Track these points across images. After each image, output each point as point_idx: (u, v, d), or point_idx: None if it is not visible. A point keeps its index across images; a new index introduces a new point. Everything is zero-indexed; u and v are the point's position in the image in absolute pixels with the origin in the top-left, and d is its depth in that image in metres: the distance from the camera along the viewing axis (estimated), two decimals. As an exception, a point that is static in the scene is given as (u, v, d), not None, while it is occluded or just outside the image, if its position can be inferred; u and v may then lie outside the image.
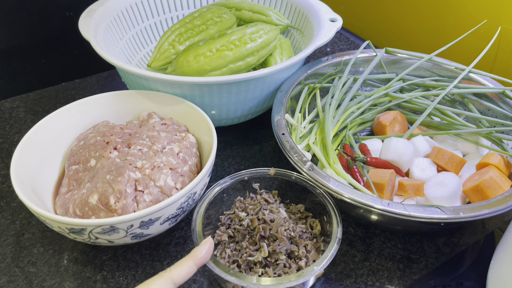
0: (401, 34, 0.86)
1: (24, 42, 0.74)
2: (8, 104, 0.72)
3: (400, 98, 0.61)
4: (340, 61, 0.65)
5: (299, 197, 0.49)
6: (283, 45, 0.68)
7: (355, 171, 0.52)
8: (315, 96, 0.62)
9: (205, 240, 0.39)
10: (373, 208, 0.42)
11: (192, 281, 0.46)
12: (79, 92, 0.76)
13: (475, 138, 0.56)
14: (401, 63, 0.66)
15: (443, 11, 0.75)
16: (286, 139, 0.50)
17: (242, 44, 0.59)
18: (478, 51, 0.61)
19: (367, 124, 0.64)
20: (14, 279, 0.46)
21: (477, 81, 0.61)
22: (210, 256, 0.38)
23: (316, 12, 0.68)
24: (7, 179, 0.58)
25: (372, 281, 0.46)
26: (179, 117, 0.56)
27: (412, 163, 0.54)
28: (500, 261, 0.43)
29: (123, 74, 0.60)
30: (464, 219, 0.41)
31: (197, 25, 0.66)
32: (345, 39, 0.93)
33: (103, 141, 0.50)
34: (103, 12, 0.65)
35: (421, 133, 0.58)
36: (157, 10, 0.75)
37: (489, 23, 0.67)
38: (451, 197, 0.48)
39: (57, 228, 0.41)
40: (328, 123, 0.54)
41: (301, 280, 0.38)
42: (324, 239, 0.45)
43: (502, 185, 0.47)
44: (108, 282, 0.46)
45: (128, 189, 0.43)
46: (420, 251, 0.49)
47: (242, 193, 0.50)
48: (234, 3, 0.73)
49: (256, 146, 0.64)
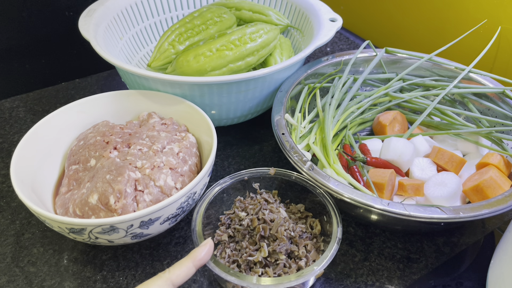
0: (401, 34, 0.86)
1: (24, 42, 0.73)
2: (8, 104, 0.72)
3: (400, 98, 0.61)
4: (340, 61, 0.65)
5: (299, 197, 0.49)
6: (283, 45, 0.68)
7: (355, 171, 0.52)
8: (315, 96, 0.62)
9: (205, 241, 0.39)
10: (373, 208, 0.42)
11: (192, 281, 0.46)
12: (79, 92, 0.76)
13: (475, 138, 0.56)
14: (401, 63, 0.66)
15: (443, 11, 0.75)
16: (286, 139, 0.50)
17: (242, 44, 0.59)
18: (478, 51, 0.61)
19: (367, 124, 0.64)
20: (14, 279, 0.46)
21: (477, 81, 0.61)
22: (210, 257, 0.38)
23: (316, 12, 0.68)
24: (7, 179, 0.58)
25: (372, 281, 0.46)
26: (179, 117, 0.56)
27: (412, 163, 0.54)
28: (500, 261, 0.43)
29: (123, 74, 0.60)
30: (464, 219, 0.41)
31: (197, 25, 0.66)
32: (345, 39, 0.93)
33: (103, 141, 0.50)
34: (103, 12, 0.65)
35: (421, 133, 0.58)
36: (157, 10, 0.75)
37: (489, 23, 0.67)
38: (451, 197, 0.48)
39: (57, 228, 0.41)
40: (328, 123, 0.54)
41: (301, 280, 0.38)
42: (324, 239, 0.45)
43: (502, 185, 0.47)
44: (108, 282, 0.46)
45: (128, 189, 0.43)
46: (420, 251, 0.49)
47: (242, 193, 0.50)
48: (234, 3, 0.73)
49: (256, 146, 0.64)
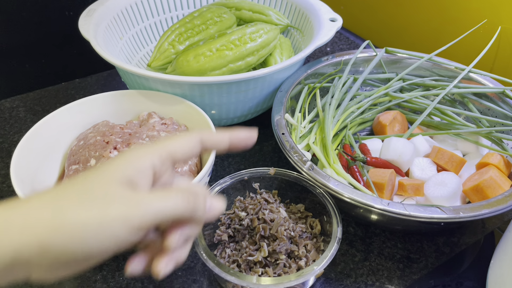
0: (401, 33, 0.86)
1: (24, 42, 0.73)
2: (8, 104, 0.72)
3: (400, 98, 0.61)
4: (340, 60, 0.64)
5: (299, 197, 0.49)
6: (283, 45, 0.68)
7: (355, 170, 0.52)
8: (315, 95, 0.62)
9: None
10: (373, 208, 0.42)
11: (192, 281, 0.46)
12: (79, 92, 0.76)
13: (475, 137, 0.56)
14: (401, 63, 0.66)
15: (443, 10, 0.75)
16: (286, 139, 0.50)
17: (242, 43, 0.59)
18: (478, 51, 0.61)
19: (367, 124, 0.64)
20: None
21: (477, 81, 0.61)
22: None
23: (316, 11, 0.68)
24: (7, 178, 0.58)
25: (372, 281, 0.46)
26: (179, 116, 0.56)
27: (412, 163, 0.54)
28: (500, 261, 0.43)
29: (123, 73, 0.60)
30: (464, 218, 0.41)
31: (197, 25, 0.66)
32: (345, 38, 0.93)
33: (103, 141, 0.50)
34: (103, 12, 0.65)
35: (421, 133, 0.58)
36: (157, 10, 0.75)
37: (489, 23, 0.67)
38: (451, 196, 0.48)
39: (57, 228, 0.41)
40: (328, 122, 0.54)
41: (301, 279, 0.38)
42: (324, 239, 0.45)
43: (502, 185, 0.47)
44: (108, 282, 0.46)
45: (128, 189, 0.43)
46: (420, 250, 0.49)
47: (242, 193, 0.50)
48: (234, 3, 0.73)
49: (256, 146, 0.64)
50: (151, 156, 0.27)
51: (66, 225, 0.23)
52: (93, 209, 0.23)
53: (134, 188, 0.26)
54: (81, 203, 0.24)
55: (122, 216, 0.24)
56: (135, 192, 0.25)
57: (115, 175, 0.26)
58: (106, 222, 0.23)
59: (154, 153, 0.28)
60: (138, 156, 0.27)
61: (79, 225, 0.23)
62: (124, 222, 0.24)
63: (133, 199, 0.25)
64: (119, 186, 0.25)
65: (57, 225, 0.23)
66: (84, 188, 0.25)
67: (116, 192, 0.25)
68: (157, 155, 0.28)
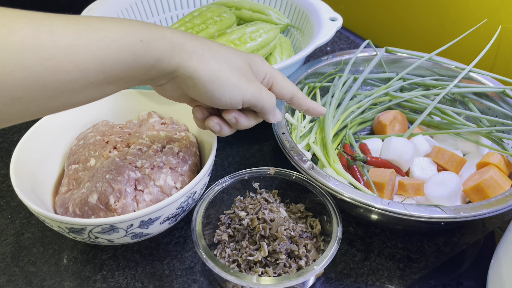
0: (401, 33, 0.86)
1: (24, 41, 0.73)
2: (8, 103, 0.72)
3: (400, 98, 0.61)
4: (340, 60, 0.64)
5: (299, 197, 0.49)
6: (283, 44, 0.68)
7: (355, 170, 0.51)
8: (315, 95, 0.62)
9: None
10: (373, 207, 0.42)
11: (192, 281, 0.46)
12: (79, 91, 0.76)
13: (475, 137, 0.56)
14: (401, 62, 0.65)
15: (443, 10, 0.75)
16: (286, 139, 0.50)
17: (242, 43, 0.59)
18: (479, 50, 0.61)
19: (367, 124, 0.64)
20: (14, 278, 0.46)
21: (478, 80, 0.61)
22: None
23: (316, 11, 0.68)
24: (7, 178, 0.58)
25: (372, 281, 0.46)
26: (179, 116, 0.56)
27: (412, 163, 0.54)
28: (500, 261, 0.43)
29: (123, 73, 0.60)
30: (464, 218, 0.41)
31: (196, 24, 0.66)
32: (345, 38, 0.93)
33: (103, 141, 0.50)
34: (103, 12, 0.65)
35: (421, 133, 0.58)
36: (157, 9, 0.75)
37: (489, 22, 0.67)
38: (451, 196, 0.48)
39: (56, 228, 0.41)
40: (328, 122, 0.54)
41: (301, 279, 0.38)
42: (324, 239, 0.45)
43: (502, 185, 0.47)
44: (108, 282, 0.46)
45: (128, 189, 0.43)
46: (420, 250, 0.49)
47: (242, 193, 0.49)
48: (234, 2, 0.73)
49: (256, 145, 0.64)
50: (270, 69, 0.41)
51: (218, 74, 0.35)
52: (241, 79, 0.36)
53: (256, 77, 0.39)
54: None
55: (248, 89, 0.37)
56: (256, 81, 0.38)
57: (252, 66, 0.39)
58: (242, 86, 0.36)
59: (272, 71, 0.41)
60: (265, 64, 0.41)
61: (225, 78, 0.35)
62: (243, 93, 0.36)
63: (257, 84, 0.38)
64: (251, 72, 0.38)
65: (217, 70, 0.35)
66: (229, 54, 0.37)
67: (252, 76, 0.38)
68: (271, 73, 0.41)
